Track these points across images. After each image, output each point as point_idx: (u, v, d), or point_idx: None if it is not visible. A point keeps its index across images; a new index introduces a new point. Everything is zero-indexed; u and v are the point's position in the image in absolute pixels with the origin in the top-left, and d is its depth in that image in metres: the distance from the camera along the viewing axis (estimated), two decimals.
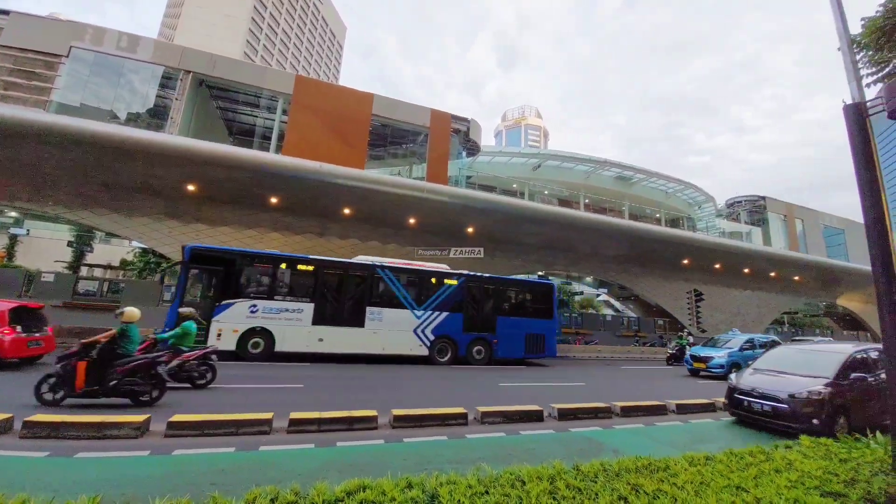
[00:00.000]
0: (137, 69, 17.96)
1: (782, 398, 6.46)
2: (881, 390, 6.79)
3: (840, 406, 6.30)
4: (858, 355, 7.17)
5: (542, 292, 15.98)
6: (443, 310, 13.70)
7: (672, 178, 32.48)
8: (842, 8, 3.88)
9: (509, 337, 14.57)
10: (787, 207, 34.49)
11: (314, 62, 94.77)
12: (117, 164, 15.88)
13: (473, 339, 14.01)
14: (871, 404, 6.63)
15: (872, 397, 6.72)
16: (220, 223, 18.95)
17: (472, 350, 13.91)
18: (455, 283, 14.13)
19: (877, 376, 7.05)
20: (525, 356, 14.83)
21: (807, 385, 6.44)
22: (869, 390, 6.80)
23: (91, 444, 4.61)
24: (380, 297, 13.07)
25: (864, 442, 4.05)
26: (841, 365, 6.76)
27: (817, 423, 5.98)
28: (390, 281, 13.26)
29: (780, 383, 6.81)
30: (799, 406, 6.24)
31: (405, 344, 13.01)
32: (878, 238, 3.43)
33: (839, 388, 6.43)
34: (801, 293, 36.88)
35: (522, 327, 14.89)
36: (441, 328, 13.57)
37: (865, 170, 3.54)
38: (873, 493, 2.70)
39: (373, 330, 12.62)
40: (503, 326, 14.55)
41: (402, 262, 14.07)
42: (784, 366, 7.37)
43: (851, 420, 6.33)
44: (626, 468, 3.03)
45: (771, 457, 3.49)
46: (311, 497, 2.29)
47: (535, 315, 15.36)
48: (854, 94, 3.71)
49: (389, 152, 25.07)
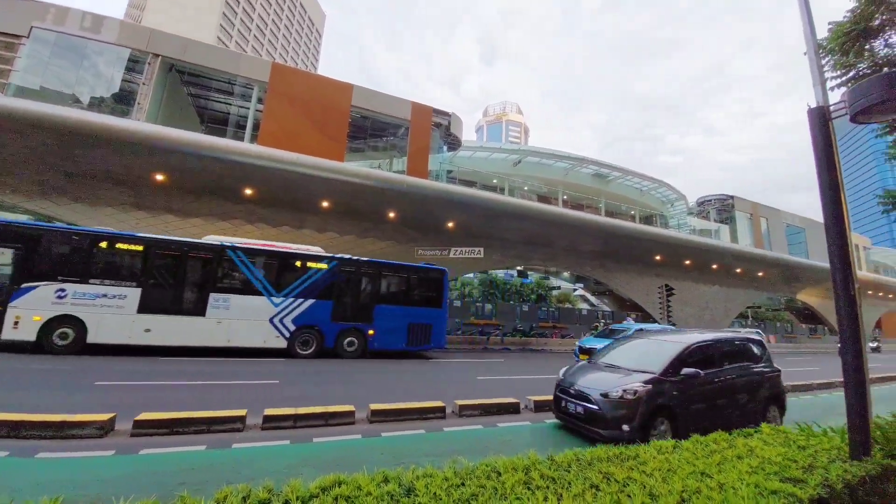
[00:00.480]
0: (102, 51, 16.98)
1: (594, 398, 5.29)
2: (724, 389, 5.88)
3: (661, 408, 5.20)
4: (699, 346, 6.02)
5: (431, 279, 14.91)
6: (308, 297, 12.47)
7: (646, 177, 33.32)
8: (810, 12, 4.03)
9: (389, 327, 13.52)
10: (753, 207, 35.98)
11: (291, 50, 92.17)
12: (80, 151, 15.05)
13: (345, 329, 12.87)
14: (702, 406, 5.59)
15: (709, 398, 5.71)
16: (192, 215, 18.29)
17: (342, 341, 12.78)
18: (325, 268, 12.94)
19: (722, 373, 5.99)
20: (407, 348, 13.82)
21: (625, 382, 5.30)
22: (707, 389, 5.72)
23: (53, 444, 4.42)
24: (228, 281, 11.73)
25: (822, 430, 4.28)
26: (673, 358, 5.63)
27: (627, 430, 4.91)
28: (242, 264, 11.91)
29: (602, 380, 5.61)
30: (609, 408, 5.11)
31: (258, 335, 11.70)
32: (837, 236, 3.61)
33: (662, 387, 5.31)
34: (765, 288, 38.68)
35: (405, 316, 13.87)
36: (305, 317, 12.35)
37: (827, 171, 3.71)
38: (831, 480, 2.85)
39: (216, 319, 11.23)
40: (382, 315, 13.49)
41: (262, 243, 12.93)
42: (625, 359, 6.16)
43: (678, 425, 5.25)
44: (599, 457, 3.11)
45: (734, 444, 3.65)
46: (284, 494, 2.25)
47: (422, 303, 14.37)
48: (819, 97, 3.87)
49: (369, 145, 24.70)
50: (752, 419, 5.89)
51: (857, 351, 3.45)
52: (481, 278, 39.00)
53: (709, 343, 6.21)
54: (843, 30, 6.40)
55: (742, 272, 34.38)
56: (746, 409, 6.05)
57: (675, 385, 5.39)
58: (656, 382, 5.30)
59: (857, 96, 3.41)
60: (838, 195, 3.67)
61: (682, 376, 5.41)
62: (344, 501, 2.22)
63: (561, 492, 2.45)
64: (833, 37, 6.56)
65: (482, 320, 26.00)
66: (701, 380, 5.58)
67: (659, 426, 5.21)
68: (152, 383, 7.63)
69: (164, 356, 10.50)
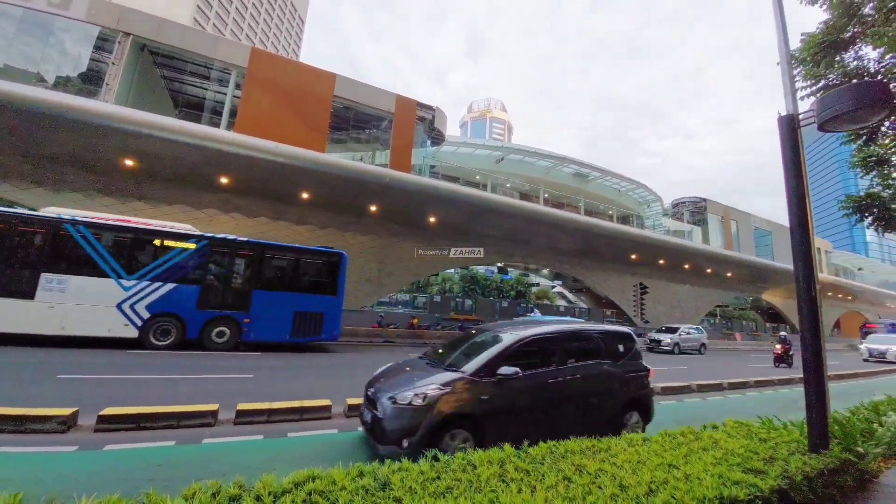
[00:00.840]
0: (69, 28, 16.08)
1: (381, 403, 4.22)
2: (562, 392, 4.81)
3: (460, 417, 4.14)
4: (534, 340, 4.99)
5: (325, 263, 13.44)
6: (169, 280, 11.02)
7: (624, 178, 34.08)
8: (784, 24, 4.18)
9: (270, 316, 12.14)
10: (724, 210, 37.31)
11: (272, 36, 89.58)
12: (43, 132, 14.24)
13: (213, 317, 11.40)
14: (527, 413, 4.57)
15: (539, 403, 4.67)
16: (163, 202, 17.63)
17: (210, 331, 11.29)
18: (192, 248, 11.42)
19: (560, 372, 4.91)
20: (292, 339, 12.36)
21: (423, 385, 4.24)
22: (538, 393, 4.69)
23: (12, 438, 4.23)
24: (65, 261, 10.22)
25: (783, 423, 4.49)
26: (492, 356, 4.59)
27: (406, 447, 3.86)
28: (84, 241, 10.41)
29: (405, 381, 4.49)
30: (392, 416, 4.04)
31: (101, 322, 10.21)
32: (801, 240, 3.78)
33: (468, 391, 4.25)
34: (733, 288, 40.29)
35: (291, 304, 12.45)
36: (163, 303, 10.87)
37: (794, 176, 3.87)
38: (791, 472, 2.99)
39: (49, 303, 9.82)
40: (262, 303, 12.07)
41: (114, 217, 11.46)
42: (461, 357, 4.99)
43: (486, 437, 4.16)
44: (571, 450, 3.18)
45: (700, 437, 3.80)
46: (256, 490, 2.21)
47: (312, 290, 12.97)
48: (789, 106, 4.02)
49: (352, 136, 24.30)
50: (602, 427, 4.82)
51: (817, 349, 3.64)
52: (462, 274, 39.15)
53: (547, 337, 5.13)
54: (816, 41, 6.66)
55: (712, 272, 35.67)
56: (595, 414, 5.09)
57: (487, 388, 4.33)
58: (460, 385, 4.25)
59: (826, 105, 3.55)
60: (804, 200, 3.83)
61: (499, 377, 4.38)
62: (318, 496, 2.19)
63: (535, 484, 2.50)
64: (805, 47, 6.82)
65: (462, 315, 26.15)
66: (526, 381, 4.58)
67: (452, 440, 4.10)
68: (117, 377, 7.36)
69: (128, 349, 10.15)
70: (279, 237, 19.58)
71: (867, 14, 6.22)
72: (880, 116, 3.49)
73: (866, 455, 3.92)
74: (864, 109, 3.35)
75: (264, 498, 2.13)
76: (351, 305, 20.75)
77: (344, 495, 2.21)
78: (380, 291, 22.79)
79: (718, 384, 10.58)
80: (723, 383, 10.71)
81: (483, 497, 2.27)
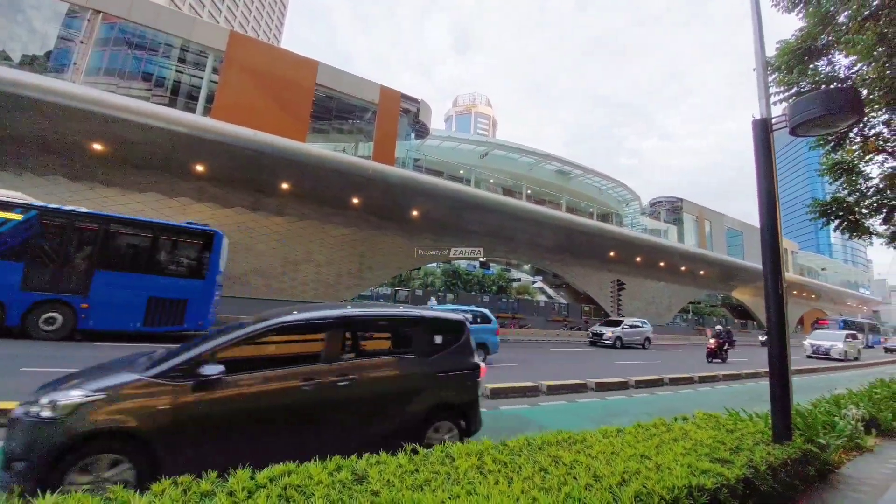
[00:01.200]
0: (38, 4, 15.21)
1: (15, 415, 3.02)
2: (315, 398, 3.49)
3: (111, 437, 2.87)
4: (284, 327, 3.65)
5: (192, 242, 11.57)
6: None
7: (606, 176, 34.68)
8: (762, 32, 4.29)
9: (116, 300, 10.26)
10: (699, 210, 38.48)
11: (252, 20, 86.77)
12: (4, 114, 13.45)
13: (41, 300, 9.58)
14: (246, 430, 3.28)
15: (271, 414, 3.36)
16: (134, 189, 16.94)
17: (37, 317, 9.50)
18: (16, 219, 9.54)
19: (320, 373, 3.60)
20: (144, 328, 10.44)
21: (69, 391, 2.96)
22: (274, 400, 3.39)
23: None
24: None
25: (748, 415, 4.68)
26: (202, 349, 3.33)
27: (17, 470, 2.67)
28: None
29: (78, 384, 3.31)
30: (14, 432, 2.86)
31: None
32: (770, 240, 3.92)
33: (131, 398, 2.97)
34: (705, 286, 41.72)
35: (144, 288, 10.57)
36: None
37: (765, 179, 4.00)
38: (755, 462, 3.13)
39: None
40: (106, 285, 10.17)
41: None
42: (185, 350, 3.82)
43: (163, 467, 2.70)
44: (548, 442, 3.23)
45: (671, 428, 3.92)
46: (229, 485, 2.15)
47: (173, 273, 11.10)
48: (763, 110, 4.15)
49: (334, 126, 23.86)
50: (391, 442, 3.17)
51: (783, 344, 3.80)
52: (444, 268, 39.19)
53: (311, 324, 3.88)
54: (790, 48, 6.90)
55: (686, 270, 36.81)
56: (379, 427, 3.81)
57: (178, 394, 3.07)
58: (127, 391, 3.00)
59: (798, 110, 3.68)
60: (774, 202, 3.97)
61: (202, 378, 3.12)
62: (294, 491, 2.15)
63: (512, 475, 2.53)
64: (780, 54, 7.06)
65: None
66: (259, 386, 3.36)
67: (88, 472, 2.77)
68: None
69: (106, 342, 9.75)
70: (257, 228, 19.15)
71: (842, 23, 6.46)
72: (849, 122, 3.64)
73: (828, 447, 4.11)
74: (834, 115, 3.48)
75: (238, 493, 2.08)
76: (331, 299, 20.51)
77: (320, 489, 2.18)
78: (362, 285, 22.61)
79: (660, 379, 10.35)
80: (663, 378, 10.43)
81: (461, 489, 2.28)
